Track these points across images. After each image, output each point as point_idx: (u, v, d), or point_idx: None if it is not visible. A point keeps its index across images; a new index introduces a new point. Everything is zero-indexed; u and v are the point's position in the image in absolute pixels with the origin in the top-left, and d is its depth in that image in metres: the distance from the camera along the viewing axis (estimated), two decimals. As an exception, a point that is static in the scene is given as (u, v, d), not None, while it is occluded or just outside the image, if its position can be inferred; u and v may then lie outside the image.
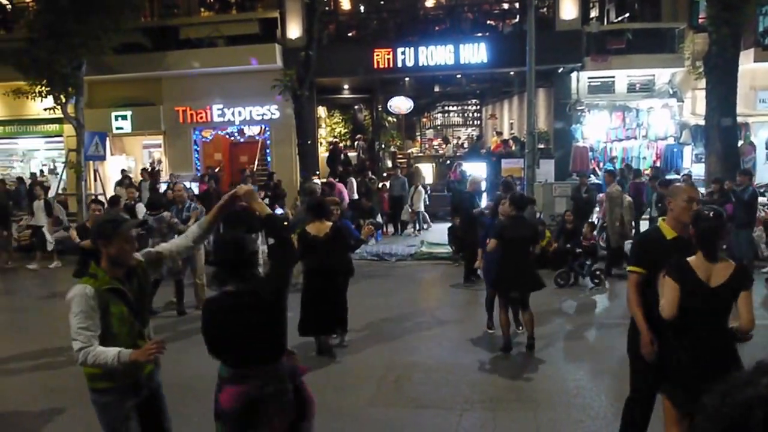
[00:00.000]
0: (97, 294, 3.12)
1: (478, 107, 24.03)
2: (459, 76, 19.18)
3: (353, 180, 16.48)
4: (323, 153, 19.67)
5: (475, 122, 24.30)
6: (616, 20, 17.27)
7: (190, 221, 8.75)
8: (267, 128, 18.46)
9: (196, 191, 14.87)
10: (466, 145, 21.96)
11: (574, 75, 16.95)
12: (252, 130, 18.77)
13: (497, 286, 7.24)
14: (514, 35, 16.59)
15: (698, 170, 15.40)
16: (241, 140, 19.44)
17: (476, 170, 15.16)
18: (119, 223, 3.29)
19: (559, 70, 16.88)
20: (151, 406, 3.46)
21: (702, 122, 14.45)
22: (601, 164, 17.41)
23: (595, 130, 17.59)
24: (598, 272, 10.32)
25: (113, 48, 15.50)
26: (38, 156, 21.36)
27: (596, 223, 12.83)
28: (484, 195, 12.64)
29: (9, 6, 19.62)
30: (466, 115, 24.39)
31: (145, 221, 8.76)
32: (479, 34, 17.37)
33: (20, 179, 19.05)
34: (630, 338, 4.17)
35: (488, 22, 18.32)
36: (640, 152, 16.99)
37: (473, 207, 10.55)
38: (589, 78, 17.12)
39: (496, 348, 7.19)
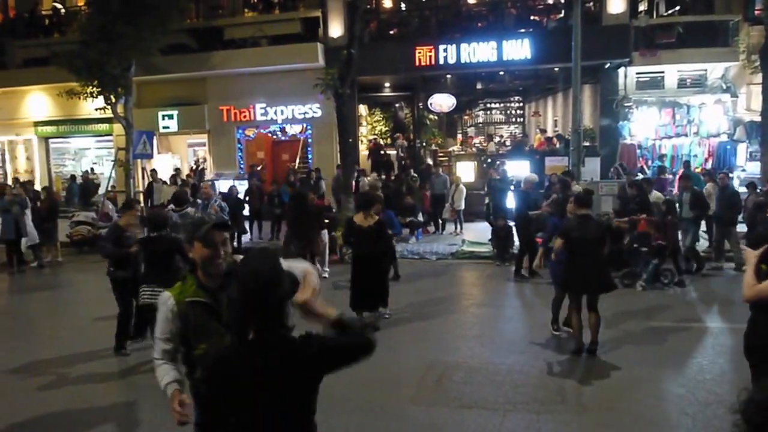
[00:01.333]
0: (178, 305, 2.88)
1: (521, 104, 23.67)
2: (502, 72, 18.93)
3: (365, 179, 16.47)
4: (363, 151, 19.70)
5: (518, 120, 23.96)
6: (665, 13, 16.82)
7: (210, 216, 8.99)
8: (308, 127, 18.59)
9: (242, 189, 15.10)
10: (508, 143, 21.69)
11: (621, 70, 16.55)
12: (294, 129, 18.93)
13: (568, 289, 7.05)
14: (559, 30, 16.30)
15: (753, 168, 14.87)
16: (283, 139, 19.61)
17: (520, 169, 14.98)
18: (198, 226, 2.97)
19: (606, 66, 16.51)
20: None
21: (757, 118, 13.95)
22: (650, 162, 16.95)
23: (643, 127, 17.13)
24: (667, 272, 10.01)
25: (160, 49, 15.86)
26: (89, 154, 21.97)
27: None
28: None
29: (63, 10, 20.23)
30: (508, 112, 24.06)
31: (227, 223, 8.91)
32: (523, 30, 17.11)
33: (73, 177, 19.63)
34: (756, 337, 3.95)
35: (532, 17, 18.02)
36: (691, 150, 16.48)
37: (527, 206, 10.43)
38: (637, 73, 16.70)
39: (541, 349, 7.07)
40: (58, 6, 20.50)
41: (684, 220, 10.82)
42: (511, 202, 12.15)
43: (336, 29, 17.48)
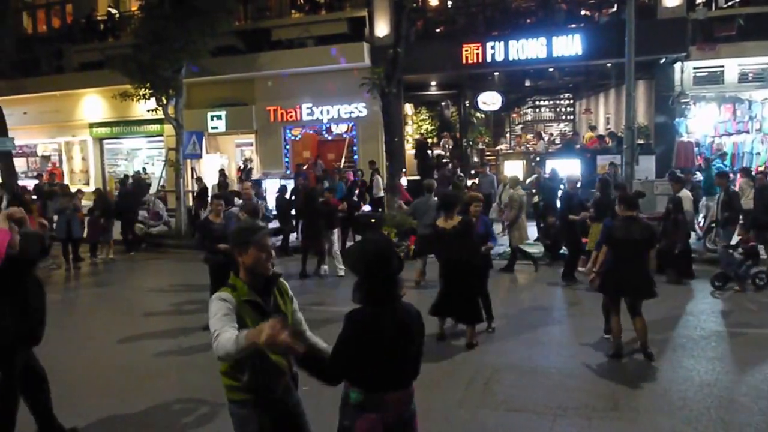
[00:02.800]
0: (237, 303, 2.96)
1: (572, 101, 23.17)
2: (551, 69, 18.54)
3: (379, 178, 16.32)
4: (409, 150, 19.58)
5: (568, 117, 23.45)
6: (725, 5, 16.14)
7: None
8: (354, 126, 18.58)
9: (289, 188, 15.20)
10: (557, 141, 21.24)
11: (677, 65, 15.98)
12: (339, 128, 18.95)
13: (604, 290, 6.82)
14: (612, 25, 15.84)
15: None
16: (329, 138, 19.67)
17: (569, 168, 14.60)
18: (255, 231, 3.09)
19: (661, 61, 15.97)
20: (290, 424, 3.26)
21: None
22: (705, 159, 16.30)
23: (701, 123, 16.49)
24: (762, 275, 9.59)
25: (210, 51, 16.07)
26: (141, 155, 22.50)
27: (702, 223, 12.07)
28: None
29: (117, 15, 20.77)
30: (558, 110, 23.59)
31: (282, 229, 9.10)
32: (573, 26, 16.71)
33: (126, 177, 20.10)
34: None
35: (583, 12, 17.58)
36: (753, 147, 15.75)
37: (570, 207, 10.14)
38: (694, 68, 16.09)
39: (593, 353, 6.83)
40: (113, 11, 21.06)
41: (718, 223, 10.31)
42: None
43: (382, 28, 17.42)
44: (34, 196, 17.97)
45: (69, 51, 21.09)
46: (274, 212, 13.40)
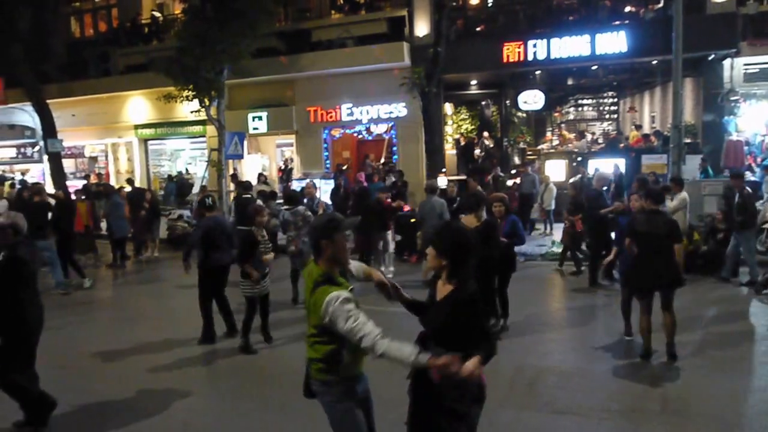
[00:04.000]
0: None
1: (615, 100, 22.75)
2: (595, 67, 18.20)
3: (393, 177, 16.19)
4: (449, 150, 19.47)
5: (612, 116, 23.02)
6: (777, -1, 15.59)
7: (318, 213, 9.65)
8: (394, 126, 18.54)
9: (327, 188, 15.29)
10: (600, 141, 20.86)
11: (727, 62, 15.49)
12: (379, 128, 18.93)
13: (629, 284, 6.81)
14: (658, 21, 15.45)
15: None
16: (369, 138, 19.68)
17: (606, 167, 14.32)
18: (340, 223, 3.36)
19: (710, 58, 15.50)
20: (364, 407, 3.53)
21: None
22: (759, 159, 15.78)
23: (752, 122, 15.97)
24: None
25: (251, 53, 16.24)
26: (183, 155, 22.90)
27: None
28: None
29: (161, 19, 21.19)
30: (601, 108, 23.18)
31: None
32: (618, 22, 16.34)
33: (169, 177, 20.51)
34: None
35: (628, 8, 17.19)
36: (807, 147, 15.22)
37: (599, 206, 9.90)
38: (745, 65, 15.58)
39: (634, 355, 6.67)
40: (157, 15, 21.47)
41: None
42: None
43: (422, 28, 17.36)
44: (83, 197, 18.55)
45: (115, 54, 21.56)
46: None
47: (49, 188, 21.02)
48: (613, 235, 8.79)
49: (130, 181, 16.54)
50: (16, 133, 25.22)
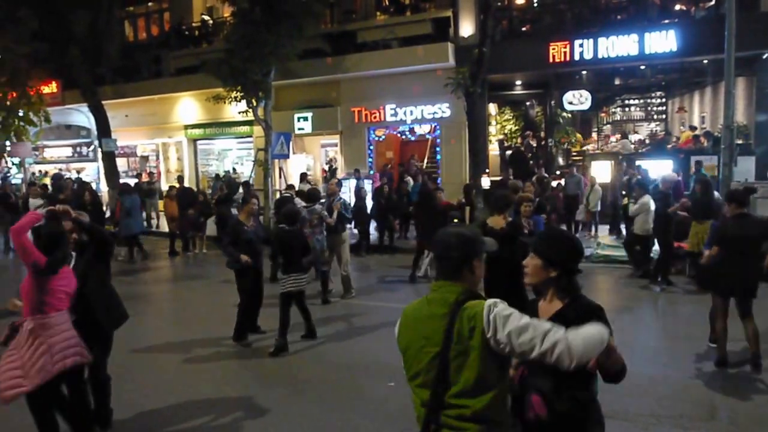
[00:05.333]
0: None
1: (663, 100, 22.23)
2: (643, 67, 17.89)
3: (410, 179, 16.12)
4: (493, 151, 19.41)
5: (660, 116, 22.52)
6: (835, -5, 15.07)
7: (333, 213, 9.76)
8: (437, 127, 18.58)
9: (370, 189, 15.45)
10: (647, 142, 20.46)
11: (781, 61, 15.08)
12: (423, 129, 19.00)
13: (712, 288, 6.59)
14: (710, 19, 15.12)
15: None
16: (412, 139, 19.76)
17: (662, 169, 14.10)
18: (483, 242, 2.77)
19: (764, 56, 15.08)
20: None
21: None
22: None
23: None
24: None
25: (297, 54, 16.49)
26: (231, 155, 23.38)
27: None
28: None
29: (210, 22, 21.67)
30: (649, 108, 22.67)
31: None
32: (667, 21, 16.04)
33: (217, 176, 20.96)
34: None
35: (678, 6, 16.85)
36: None
37: (666, 207, 9.82)
38: (800, 63, 15.13)
39: (688, 360, 6.59)
40: (207, 18, 21.96)
41: None
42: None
43: (467, 28, 17.35)
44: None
45: (167, 57, 22.16)
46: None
47: (103, 186, 21.91)
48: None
49: (180, 179, 16.98)
50: (73, 133, 26.28)
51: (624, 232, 14.04)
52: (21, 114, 21.57)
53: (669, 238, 10.05)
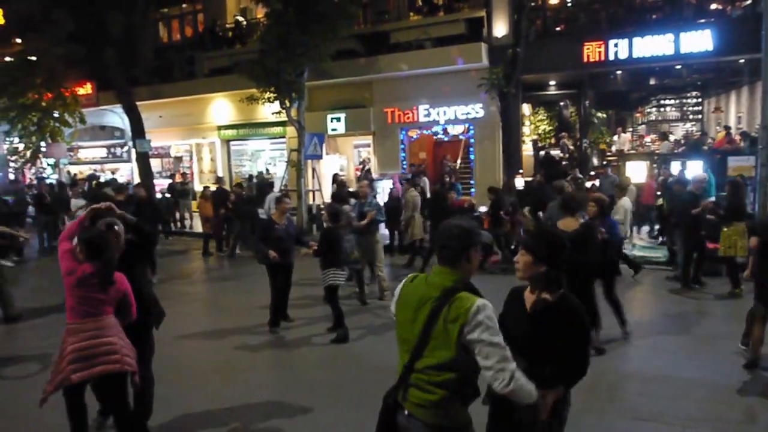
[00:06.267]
0: None
1: (699, 100, 21.94)
2: (679, 66, 17.66)
3: (426, 180, 16.11)
4: (527, 151, 19.33)
5: (695, 116, 22.22)
6: None
7: (365, 219, 9.85)
8: (471, 127, 18.55)
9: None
10: (683, 142, 20.19)
11: (821, 60, 14.70)
12: (456, 129, 18.99)
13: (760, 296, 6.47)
14: (746, 18, 14.85)
15: None
16: (445, 139, 19.76)
17: (697, 169, 13.91)
18: (479, 234, 2.96)
19: (803, 55, 14.76)
20: None
21: None
22: None
23: None
24: None
25: (330, 55, 16.61)
26: (264, 156, 23.61)
27: None
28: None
29: (244, 23, 21.93)
30: (684, 109, 22.39)
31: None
32: (703, 20, 15.82)
33: (250, 177, 21.22)
34: None
35: (714, 6, 16.60)
36: None
37: (693, 208, 9.70)
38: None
39: (724, 363, 6.54)
40: (240, 19, 22.21)
41: None
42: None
43: (501, 28, 17.29)
44: (168, 195, 19.52)
45: (200, 58, 22.36)
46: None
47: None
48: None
49: (219, 180, 17.09)
50: (107, 133, 26.73)
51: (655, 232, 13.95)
52: (56, 115, 21.91)
53: (699, 239, 9.91)
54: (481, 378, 2.79)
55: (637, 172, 16.14)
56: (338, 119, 19.76)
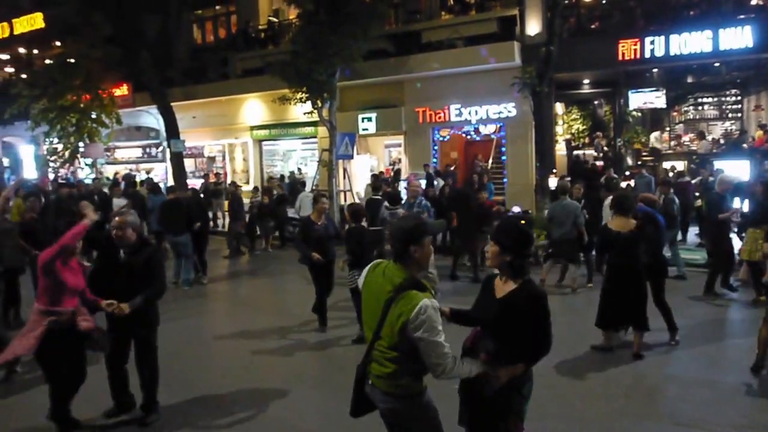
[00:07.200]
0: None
1: (739, 98, 21.38)
2: (717, 64, 17.25)
3: (440, 180, 15.87)
4: (559, 151, 19.08)
5: (735, 115, 21.67)
6: None
7: None
8: (502, 126, 18.38)
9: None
10: (722, 141, 19.73)
11: None
12: (488, 129, 18.83)
13: None
14: (789, 14, 14.47)
15: None
16: (477, 139, 19.63)
17: (732, 169, 13.56)
18: (428, 227, 3.33)
19: None
20: None
21: None
22: None
23: None
24: None
25: (362, 55, 16.60)
26: (295, 156, 23.77)
27: None
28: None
29: (277, 24, 22.09)
30: (723, 107, 21.84)
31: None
32: (743, 17, 15.41)
33: (282, 177, 21.38)
34: None
35: (753, 1, 16.17)
36: None
37: (721, 210, 9.43)
38: None
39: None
40: (273, 20, 22.39)
41: None
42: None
43: (533, 26, 17.09)
44: (202, 195, 19.72)
45: (233, 59, 22.57)
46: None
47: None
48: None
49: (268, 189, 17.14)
50: (142, 134, 27.28)
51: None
52: (94, 116, 22.40)
53: (728, 244, 9.63)
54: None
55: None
56: (369, 119, 19.77)
